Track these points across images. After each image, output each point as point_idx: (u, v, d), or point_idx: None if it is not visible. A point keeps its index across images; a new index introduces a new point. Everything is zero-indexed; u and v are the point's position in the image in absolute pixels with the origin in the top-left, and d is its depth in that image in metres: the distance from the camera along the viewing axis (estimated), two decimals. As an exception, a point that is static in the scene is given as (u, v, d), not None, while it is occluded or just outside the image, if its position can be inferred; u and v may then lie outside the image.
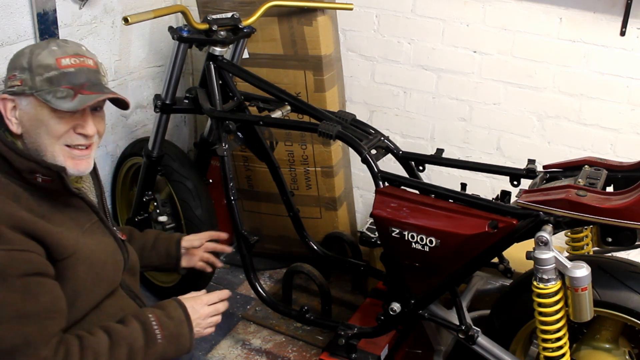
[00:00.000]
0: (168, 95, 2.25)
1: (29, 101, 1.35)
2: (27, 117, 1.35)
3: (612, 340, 1.79)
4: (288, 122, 2.22)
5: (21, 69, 1.35)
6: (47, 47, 1.38)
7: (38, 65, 1.34)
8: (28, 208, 1.31)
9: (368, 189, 2.88)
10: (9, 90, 1.35)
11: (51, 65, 1.35)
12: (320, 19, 2.42)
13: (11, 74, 1.36)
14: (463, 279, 1.83)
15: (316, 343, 2.42)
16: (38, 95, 1.33)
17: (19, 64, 1.36)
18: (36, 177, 1.33)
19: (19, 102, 1.35)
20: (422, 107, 2.66)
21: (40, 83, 1.34)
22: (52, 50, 1.37)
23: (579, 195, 1.53)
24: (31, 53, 1.36)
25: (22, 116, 1.35)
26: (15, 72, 1.36)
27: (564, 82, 2.37)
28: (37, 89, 1.33)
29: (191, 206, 2.36)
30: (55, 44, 1.39)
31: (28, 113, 1.35)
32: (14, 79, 1.35)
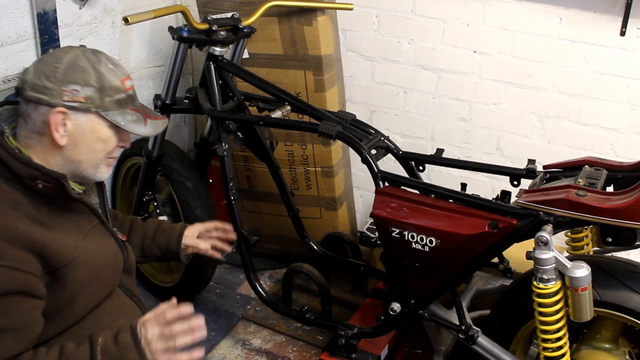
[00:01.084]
0: (168, 95, 2.25)
1: (88, 118, 1.36)
2: (80, 132, 1.36)
3: (612, 340, 1.79)
4: (288, 122, 2.22)
5: (86, 85, 1.34)
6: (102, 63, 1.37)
7: (109, 87, 1.37)
8: (27, 215, 1.31)
9: (368, 189, 2.88)
10: (67, 104, 1.33)
11: (120, 88, 1.39)
12: (320, 19, 2.42)
13: (70, 88, 1.33)
14: (463, 279, 1.83)
15: (316, 343, 2.42)
16: (105, 115, 1.37)
17: (82, 80, 1.34)
18: (37, 184, 1.32)
19: (73, 116, 1.35)
20: (422, 107, 2.66)
21: (109, 104, 1.37)
22: (112, 70, 1.38)
23: (579, 195, 1.53)
24: (95, 70, 1.35)
25: (74, 130, 1.35)
26: (76, 87, 1.33)
27: (564, 82, 2.37)
28: (105, 109, 1.37)
29: (191, 206, 2.36)
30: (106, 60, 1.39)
31: (84, 129, 1.36)
32: (76, 94, 1.33)
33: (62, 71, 1.33)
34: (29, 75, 1.33)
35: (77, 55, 1.36)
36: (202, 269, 2.48)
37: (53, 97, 1.32)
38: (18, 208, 1.31)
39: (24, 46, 2.20)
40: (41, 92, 1.32)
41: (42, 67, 1.33)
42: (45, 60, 1.35)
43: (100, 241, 1.48)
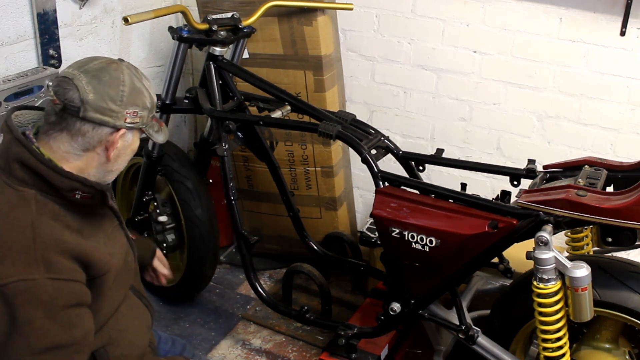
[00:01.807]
0: (168, 95, 2.25)
1: (134, 133, 1.41)
2: (126, 146, 1.41)
3: (612, 340, 1.79)
4: (288, 122, 2.22)
5: (143, 107, 1.39)
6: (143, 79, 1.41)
7: (153, 106, 1.44)
8: (67, 225, 1.31)
9: (368, 189, 2.88)
10: (128, 126, 1.37)
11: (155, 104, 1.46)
12: (320, 19, 2.42)
13: (133, 110, 1.37)
14: (463, 279, 1.83)
15: (316, 343, 2.42)
16: (145, 128, 1.43)
17: (141, 102, 1.38)
18: (75, 194, 1.32)
19: (127, 134, 1.39)
20: (422, 107, 2.66)
21: (149, 119, 1.43)
22: (150, 87, 1.43)
23: (579, 195, 1.53)
24: (147, 91, 1.41)
25: (122, 147, 1.40)
26: (136, 109, 1.37)
27: (564, 82, 2.37)
28: (146, 124, 1.43)
29: (191, 206, 2.36)
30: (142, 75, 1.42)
31: (129, 144, 1.42)
32: (136, 116, 1.38)
33: (128, 94, 1.35)
34: (90, 95, 1.31)
35: (131, 76, 1.38)
36: (202, 269, 2.48)
37: (117, 120, 1.34)
38: (57, 219, 1.30)
39: (24, 46, 2.20)
40: (106, 114, 1.33)
41: (105, 89, 1.33)
42: (106, 81, 1.34)
43: (119, 242, 1.49)
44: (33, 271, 1.23)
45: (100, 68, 1.35)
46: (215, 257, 2.51)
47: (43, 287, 1.23)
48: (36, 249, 1.24)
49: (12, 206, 1.28)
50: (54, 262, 1.25)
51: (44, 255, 1.24)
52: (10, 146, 1.31)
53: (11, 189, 1.30)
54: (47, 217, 1.29)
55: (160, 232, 2.49)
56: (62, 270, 1.26)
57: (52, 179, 1.30)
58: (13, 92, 2.09)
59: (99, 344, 1.42)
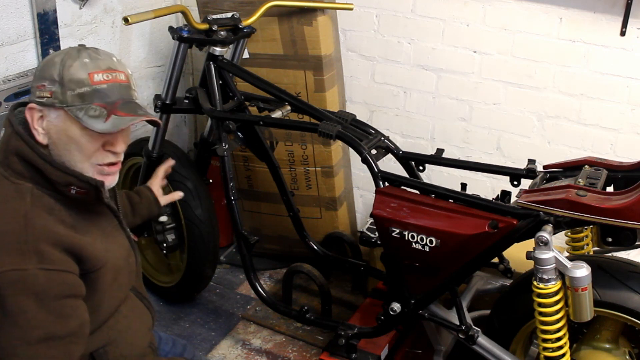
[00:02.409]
0: (168, 95, 2.25)
1: (59, 114, 1.31)
2: (55, 130, 1.32)
3: (612, 340, 1.78)
4: (288, 122, 2.22)
5: (51, 80, 1.30)
6: (78, 59, 1.32)
7: (70, 80, 1.30)
8: (61, 220, 1.31)
9: (368, 189, 2.88)
10: (37, 100, 1.31)
11: (83, 81, 1.31)
12: (320, 19, 2.42)
13: (40, 83, 1.31)
14: (463, 279, 1.83)
15: (316, 343, 2.42)
16: (69, 110, 1.30)
17: (49, 74, 1.30)
18: (70, 189, 1.32)
19: (47, 113, 1.31)
20: (422, 107, 2.66)
21: (71, 98, 1.30)
22: (85, 64, 1.32)
23: (579, 195, 1.53)
24: (62, 64, 1.30)
25: (49, 128, 1.32)
26: (44, 82, 1.30)
27: (564, 82, 2.37)
28: (68, 104, 1.30)
29: (191, 206, 2.36)
30: (87, 56, 1.34)
31: (57, 126, 1.31)
32: (43, 90, 1.30)
33: (40, 68, 1.33)
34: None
35: (60, 52, 1.35)
36: (202, 269, 2.48)
37: (32, 95, 1.33)
38: (52, 213, 1.30)
39: (24, 46, 2.20)
40: (30, 91, 1.34)
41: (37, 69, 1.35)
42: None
43: (118, 242, 1.48)
44: (25, 261, 1.23)
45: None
46: (215, 257, 2.51)
47: (35, 278, 1.23)
48: (28, 240, 1.24)
49: (8, 198, 1.28)
50: (46, 252, 1.25)
51: (36, 246, 1.24)
52: (10, 140, 1.32)
53: (8, 181, 1.30)
54: (41, 209, 1.29)
55: (160, 232, 2.48)
56: (54, 261, 1.26)
57: (48, 172, 1.30)
58: (13, 92, 2.09)
59: (99, 344, 1.41)
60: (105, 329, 1.43)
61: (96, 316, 1.39)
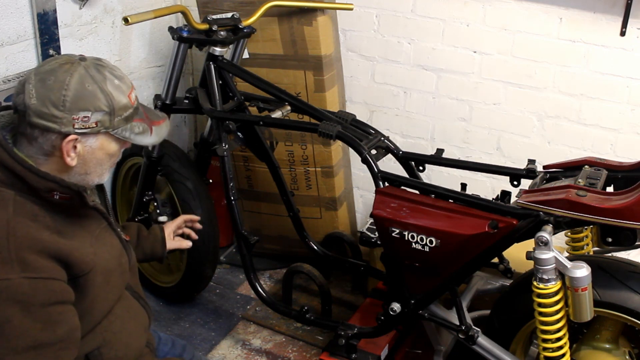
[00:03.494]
0: (168, 95, 2.25)
1: (98, 138, 1.34)
2: (90, 152, 1.34)
3: (612, 340, 1.78)
4: (288, 122, 2.22)
5: (97, 111, 1.30)
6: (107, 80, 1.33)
7: (119, 108, 1.34)
8: (46, 225, 1.30)
9: (368, 189, 2.88)
10: (79, 131, 1.30)
11: (127, 105, 1.36)
12: (320, 19, 2.42)
13: (81, 115, 1.29)
14: (463, 279, 1.83)
15: (316, 343, 2.42)
16: (114, 133, 1.35)
17: (92, 106, 1.30)
18: (53, 195, 1.31)
19: (84, 140, 1.32)
20: (422, 107, 2.66)
21: (117, 122, 1.35)
22: (118, 86, 1.34)
23: (579, 195, 1.53)
24: (103, 92, 1.31)
25: (84, 152, 1.33)
26: (87, 114, 1.29)
27: (564, 82, 2.37)
28: (114, 128, 1.35)
29: (191, 206, 2.36)
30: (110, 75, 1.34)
31: (93, 148, 1.34)
32: (87, 121, 1.30)
33: (71, 99, 1.28)
34: (32, 100, 1.26)
35: (82, 77, 1.30)
36: (202, 269, 2.48)
37: (63, 126, 1.28)
38: (36, 219, 1.29)
39: (24, 46, 2.19)
40: (49, 120, 1.27)
41: (47, 94, 1.26)
42: (49, 85, 1.27)
43: (109, 243, 1.48)
44: (8, 271, 1.22)
45: (51, 69, 1.29)
46: (215, 257, 2.51)
47: (19, 287, 1.22)
48: (10, 249, 1.23)
49: None
50: (29, 261, 1.24)
51: (19, 254, 1.23)
52: None
53: None
54: (24, 217, 1.27)
55: (160, 232, 2.49)
56: (38, 269, 1.24)
57: (29, 179, 1.28)
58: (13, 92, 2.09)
59: (93, 346, 1.41)
60: (99, 331, 1.42)
61: (89, 319, 1.38)
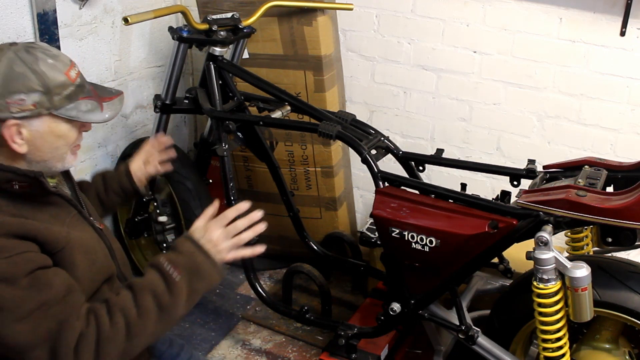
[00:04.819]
0: (168, 96, 2.26)
1: (43, 120, 1.32)
2: (39, 135, 1.33)
3: (612, 340, 1.78)
4: (288, 122, 2.22)
5: (31, 92, 1.28)
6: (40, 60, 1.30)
7: (55, 86, 1.31)
8: (11, 214, 1.30)
9: (368, 189, 2.88)
10: (17, 115, 1.29)
11: (66, 82, 1.33)
12: (320, 19, 2.42)
13: (14, 99, 1.27)
14: (463, 279, 1.83)
15: (316, 343, 2.42)
16: (58, 113, 1.32)
17: (24, 87, 1.28)
18: (13, 185, 1.31)
19: (27, 123, 1.31)
20: (422, 107, 2.66)
21: (59, 102, 1.32)
22: (52, 65, 1.31)
23: (579, 196, 1.53)
24: (34, 72, 1.29)
25: (31, 136, 1.32)
26: (21, 97, 1.28)
27: (564, 82, 2.37)
28: (57, 108, 1.32)
29: (191, 206, 2.36)
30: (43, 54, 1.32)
31: (41, 132, 1.32)
32: (23, 104, 1.28)
33: (1, 84, 1.27)
34: None
35: (11, 60, 1.29)
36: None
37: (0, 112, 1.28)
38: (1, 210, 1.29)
39: (23, 46, 2.19)
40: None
41: None
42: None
43: (82, 229, 1.47)
44: None
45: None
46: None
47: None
48: None
49: None
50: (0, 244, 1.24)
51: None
52: None
53: None
54: None
55: (160, 232, 2.49)
56: (9, 247, 1.25)
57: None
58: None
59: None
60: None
61: None
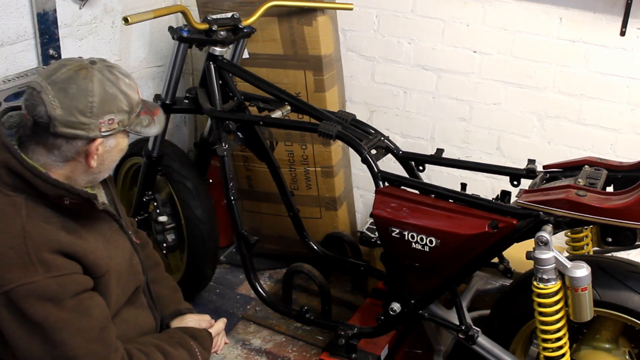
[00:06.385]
0: (168, 95, 2.25)
1: (116, 137, 1.38)
2: (109, 151, 1.38)
3: (612, 340, 1.78)
4: (288, 122, 2.22)
5: (120, 112, 1.34)
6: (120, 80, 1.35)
7: (135, 105, 1.38)
8: (61, 227, 1.32)
9: (368, 189, 2.88)
10: (105, 134, 1.33)
11: (139, 101, 1.41)
12: (320, 19, 2.42)
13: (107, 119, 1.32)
14: (463, 279, 1.83)
15: (316, 343, 2.42)
16: (129, 129, 1.39)
17: (116, 108, 1.33)
18: (64, 200, 1.32)
19: (105, 141, 1.35)
20: (422, 107, 2.66)
21: (132, 119, 1.39)
22: (129, 85, 1.37)
23: (579, 195, 1.53)
24: (123, 94, 1.35)
25: (104, 152, 1.36)
26: (112, 116, 1.33)
27: (564, 82, 2.37)
28: (130, 125, 1.39)
29: (191, 206, 2.36)
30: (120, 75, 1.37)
31: (112, 147, 1.38)
32: (112, 124, 1.33)
33: (98, 105, 1.30)
34: (57, 111, 1.27)
35: (102, 82, 1.32)
36: (202, 269, 2.48)
37: (91, 131, 1.31)
38: (49, 222, 1.31)
39: (24, 46, 2.19)
40: (77, 128, 1.29)
41: (73, 103, 1.28)
42: (73, 94, 1.29)
43: (120, 245, 1.49)
44: (32, 274, 1.24)
45: (68, 78, 1.29)
46: (215, 257, 2.51)
47: (46, 287, 1.25)
48: (29, 252, 1.25)
49: (3, 212, 1.29)
50: (49, 260, 1.26)
51: (39, 256, 1.25)
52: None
53: (2, 194, 1.30)
54: (38, 220, 1.29)
55: (160, 232, 2.49)
56: (60, 266, 1.27)
57: (38, 186, 1.29)
58: (13, 92, 2.09)
59: None
60: None
61: None
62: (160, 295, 1.70)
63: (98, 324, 1.31)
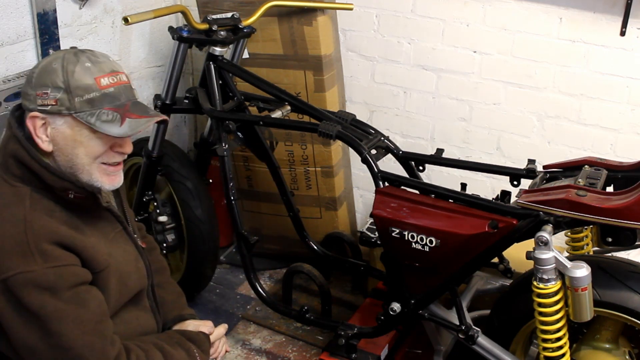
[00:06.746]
0: (168, 95, 2.25)
1: (65, 121, 1.30)
2: (61, 137, 1.31)
3: (612, 340, 1.78)
4: (288, 122, 2.22)
5: (55, 87, 1.28)
6: (79, 63, 1.30)
7: (77, 87, 1.29)
8: (62, 220, 1.32)
9: (368, 189, 2.88)
10: (40, 108, 1.29)
11: (91, 86, 1.30)
12: (320, 19, 2.42)
13: (40, 91, 1.28)
14: (463, 279, 1.83)
15: (316, 343, 2.42)
16: (78, 116, 1.29)
17: (50, 81, 1.28)
18: (68, 194, 1.33)
19: (51, 120, 1.30)
20: (422, 107, 2.66)
21: (80, 104, 1.29)
22: (87, 68, 1.30)
23: (579, 195, 1.53)
24: (64, 70, 1.29)
25: (55, 135, 1.31)
26: (46, 90, 1.28)
27: (564, 82, 2.37)
28: (77, 110, 1.29)
29: (191, 206, 2.36)
30: (86, 59, 1.32)
31: (63, 132, 1.31)
32: (46, 97, 1.28)
33: (37, 75, 1.30)
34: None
35: (56, 58, 1.31)
36: (202, 269, 2.48)
37: (31, 102, 1.30)
38: (52, 215, 1.31)
39: (24, 46, 2.20)
40: (25, 98, 1.32)
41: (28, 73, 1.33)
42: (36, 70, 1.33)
43: (123, 248, 1.49)
44: (30, 263, 1.24)
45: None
46: (215, 257, 2.51)
47: (44, 276, 1.25)
48: (29, 242, 1.25)
49: (7, 202, 1.30)
50: (48, 251, 1.26)
51: (38, 246, 1.25)
52: (8, 142, 1.33)
53: (7, 184, 1.31)
54: (40, 212, 1.29)
55: (160, 232, 2.49)
56: (58, 257, 1.27)
57: (45, 177, 1.31)
58: (13, 92, 2.09)
59: None
60: None
61: None
62: (164, 300, 1.69)
63: (95, 316, 1.31)
